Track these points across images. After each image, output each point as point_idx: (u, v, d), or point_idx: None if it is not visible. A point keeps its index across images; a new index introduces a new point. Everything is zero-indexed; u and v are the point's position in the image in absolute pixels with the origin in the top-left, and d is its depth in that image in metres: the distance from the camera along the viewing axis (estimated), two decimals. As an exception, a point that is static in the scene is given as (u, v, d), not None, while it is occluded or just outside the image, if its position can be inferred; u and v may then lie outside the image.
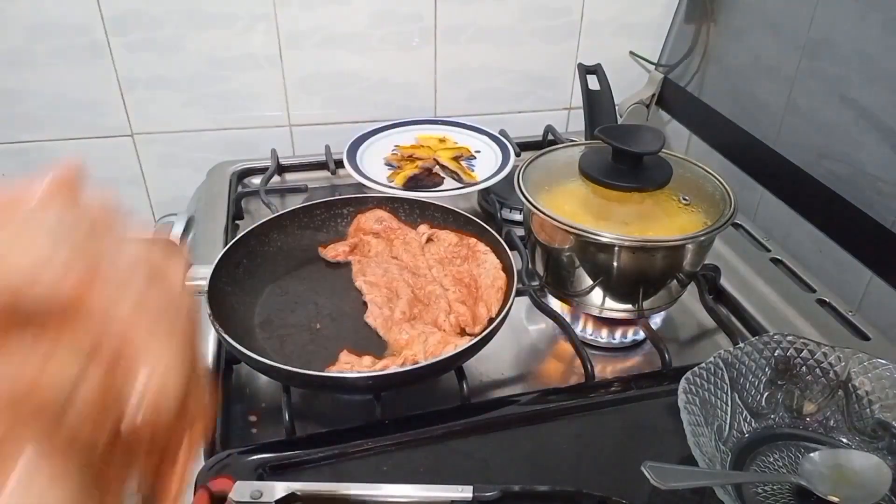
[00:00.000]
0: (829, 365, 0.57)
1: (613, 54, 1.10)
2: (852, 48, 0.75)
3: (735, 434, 0.56)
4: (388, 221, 0.73)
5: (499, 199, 0.88)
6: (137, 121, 1.01)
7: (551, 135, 1.07)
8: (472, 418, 0.58)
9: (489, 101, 1.12)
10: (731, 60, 0.97)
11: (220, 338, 0.58)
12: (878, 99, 0.73)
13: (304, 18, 0.99)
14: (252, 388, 0.64)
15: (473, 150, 0.96)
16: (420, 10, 1.02)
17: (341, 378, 0.54)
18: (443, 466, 0.53)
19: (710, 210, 0.65)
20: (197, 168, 1.02)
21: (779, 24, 0.87)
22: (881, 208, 0.72)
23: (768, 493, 0.52)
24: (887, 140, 0.72)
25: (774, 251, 0.85)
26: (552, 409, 0.60)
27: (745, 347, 0.58)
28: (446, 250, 0.69)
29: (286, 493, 0.48)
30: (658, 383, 0.62)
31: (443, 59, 1.06)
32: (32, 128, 1.00)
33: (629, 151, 0.65)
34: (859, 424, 0.56)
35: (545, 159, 0.72)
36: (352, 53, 1.03)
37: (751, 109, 0.93)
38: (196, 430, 0.26)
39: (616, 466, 0.55)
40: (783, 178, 0.87)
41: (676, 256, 0.64)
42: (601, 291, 0.66)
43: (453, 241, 0.70)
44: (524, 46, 1.08)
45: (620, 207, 0.66)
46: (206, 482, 0.48)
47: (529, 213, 0.66)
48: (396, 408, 0.58)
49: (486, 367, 0.66)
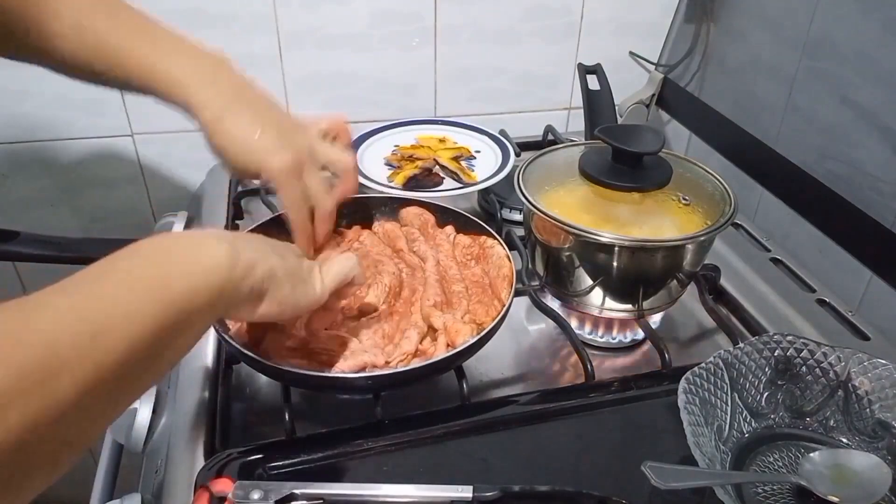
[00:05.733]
0: (829, 365, 0.57)
1: (613, 54, 1.10)
2: (852, 48, 0.75)
3: (735, 434, 0.56)
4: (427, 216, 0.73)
5: (499, 199, 0.88)
6: (137, 121, 1.01)
7: (551, 135, 1.07)
8: (472, 418, 0.58)
9: (489, 101, 1.12)
10: (731, 60, 0.97)
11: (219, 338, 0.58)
12: (878, 99, 0.73)
13: (304, 18, 0.99)
14: (252, 388, 0.64)
15: (473, 151, 0.96)
16: (420, 10, 1.02)
17: (341, 378, 0.54)
18: (443, 466, 0.53)
19: (710, 210, 0.65)
20: (197, 168, 1.02)
21: (779, 24, 0.87)
22: (881, 208, 0.72)
23: (768, 493, 0.52)
24: (887, 140, 0.72)
25: (774, 251, 0.85)
26: (552, 409, 0.60)
27: (745, 347, 0.58)
28: (461, 253, 0.69)
29: (286, 493, 0.48)
30: (658, 383, 0.62)
31: (443, 59, 1.07)
32: (32, 128, 1.00)
33: (629, 151, 0.65)
34: (859, 424, 0.56)
35: (545, 159, 0.72)
36: (352, 53, 1.03)
37: (751, 109, 0.93)
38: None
39: (616, 466, 0.55)
40: (783, 178, 0.87)
41: (676, 256, 0.64)
42: (601, 291, 0.66)
43: (466, 244, 0.69)
44: (524, 46, 1.08)
45: (620, 207, 0.66)
46: (206, 482, 0.48)
47: (529, 213, 0.66)
48: (396, 408, 0.58)
49: (486, 367, 0.66)
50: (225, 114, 0.56)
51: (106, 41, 0.55)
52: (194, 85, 0.55)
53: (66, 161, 1.03)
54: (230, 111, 0.56)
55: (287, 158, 0.56)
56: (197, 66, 0.56)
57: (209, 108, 0.55)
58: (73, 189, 1.06)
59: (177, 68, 0.55)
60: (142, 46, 0.56)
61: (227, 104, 0.56)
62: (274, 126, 0.57)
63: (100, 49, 0.55)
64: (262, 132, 0.56)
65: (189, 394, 0.61)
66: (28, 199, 1.05)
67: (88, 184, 1.06)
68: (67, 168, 1.04)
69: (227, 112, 0.56)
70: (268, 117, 0.58)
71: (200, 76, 0.56)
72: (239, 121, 0.56)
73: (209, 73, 0.56)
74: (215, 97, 0.56)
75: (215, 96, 0.56)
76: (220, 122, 0.55)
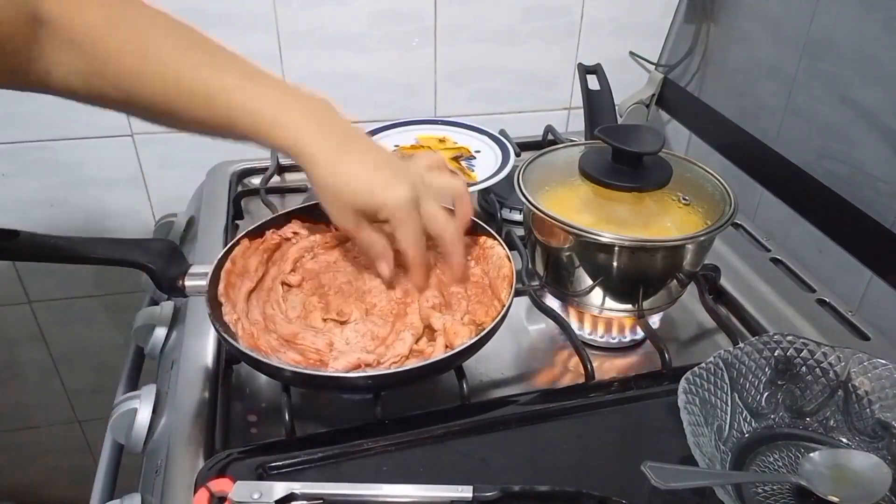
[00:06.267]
0: (828, 365, 0.57)
1: (613, 54, 1.10)
2: (852, 48, 0.75)
3: (735, 434, 0.56)
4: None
5: (499, 199, 0.88)
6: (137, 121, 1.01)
7: (551, 135, 1.07)
8: (472, 418, 0.58)
9: (489, 101, 1.12)
10: (731, 60, 0.97)
11: (220, 338, 0.58)
12: (878, 99, 0.73)
13: (304, 18, 0.99)
14: (252, 388, 0.64)
15: (473, 150, 0.96)
16: (420, 10, 1.02)
17: (341, 378, 0.54)
18: (443, 466, 0.53)
19: (710, 210, 0.65)
20: (197, 168, 1.02)
21: (779, 24, 0.87)
22: (881, 208, 0.72)
23: (768, 493, 0.52)
24: (887, 140, 0.72)
25: (774, 251, 0.85)
26: (552, 409, 0.60)
27: (745, 347, 0.58)
28: None
29: (286, 493, 0.48)
30: (658, 383, 0.62)
31: (443, 59, 1.07)
32: (32, 128, 1.00)
33: (629, 151, 0.65)
34: (859, 424, 0.56)
35: (545, 159, 0.72)
36: (352, 53, 1.03)
37: (751, 109, 0.93)
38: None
39: (616, 466, 0.55)
40: (783, 178, 0.87)
41: (676, 256, 0.64)
42: (601, 291, 0.66)
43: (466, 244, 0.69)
44: (524, 46, 1.08)
45: (620, 207, 0.66)
46: (206, 482, 0.48)
47: (529, 213, 0.66)
48: (396, 408, 0.58)
49: (486, 367, 0.66)
50: (340, 156, 0.55)
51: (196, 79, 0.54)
52: (305, 129, 0.55)
53: (66, 161, 1.03)
54: (344, 154, 0.56)
55: (406, 191, 0.56)
56: (306, 111, 0.56)
57: (324, 151, 0.55)
58: (73, 189, 1.06)
59: (286, 114, 0.55)
60: (244, 91, 0.55)
61: (339, 146, 0.56)
62: (386, 164, 0.57)
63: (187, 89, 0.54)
64: (377, 169, 0.56)
65: (189, 394, 0.61)
66: (28, 199, 1.05)
67: (88, 184, 1.06)
68: (67, 168, 1.04)
69: (341, 154, 0.56)
70: (379, 156, 0.58)
71: (309, 121, 0.55)
72: (354, 160, 0.56)
73: (317, 118, 0.56)
74: (327, 141, 0.55)
75: (327, 140, 0.55)
76: (336, 164, 0.55)
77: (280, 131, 0.55)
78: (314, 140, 0.55)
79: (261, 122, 0.55)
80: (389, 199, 0.55)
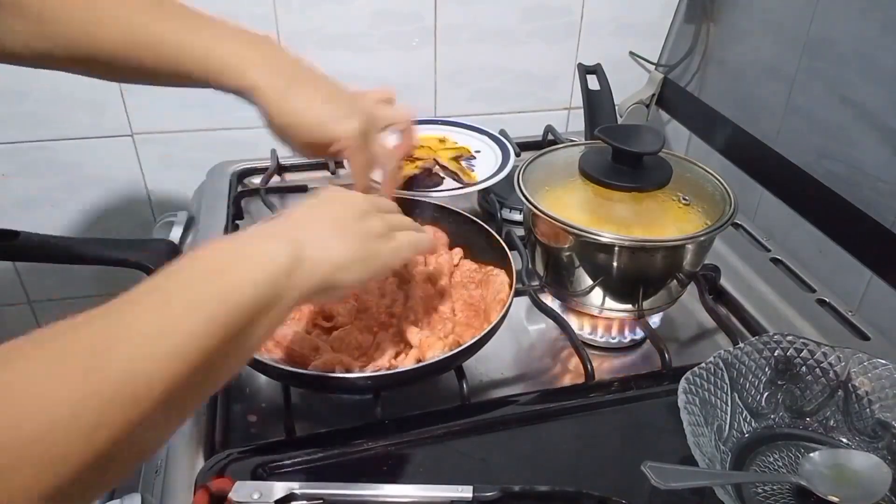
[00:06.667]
0: (828, 365, 0.57)
1: (613, 54, 1.10)
2: (852, 48, 0.75)
3: (735, 434, 0.56)
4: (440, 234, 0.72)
5: (499, 199, 0.88)
6: (137, 121, 1.01)
7: (551, 135, 1.07)
8: (472, 418, 0.58)
9: (489, 101, 1.12)
10: (731, 60, 0.97)
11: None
12: (878, 99, 0.73)
13: (303, 18, 0.99)
14: (252, 388, 0.64)
15: (473, 150, 0.96)
16: (420, 10, 1.02)
17: (341, 378, 0.54)
18: (443, 466, 0.53)
19: (710, 210, 0.65)
20: (197, 168, 1.02)
21: (779, 24, 0.87)
22: (881, 208, 0.72)
23: (768, 493, 0.52)
24: (887, 140, 0.72)
25: (774, 251, 0.85)
26: (552, 409, 0.60)
27: (745, 347, 0.58)
28: (463, 275, 0.69)
29: (286, 493, 0.48)
30: (658, 383, 0.62)
31: (443, 59, 1.07)
32: (32, 128, 1.00)
33: (629, 151, 0.65)
34: (859, 424, 0.56)
35: (545, 159, 0.72)
36: (352, 53, 1.03)
37: (751, 109, 0.93)
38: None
39: (616, 466, 0.55)
40: (783, 178, 0.87)
41: (676, 256, 0.64)
42: (601, 291, 0.66)
43: (472, 267, 0.70)
44: (524, 46, 1.08)
45: (620, 207, 0.66)
46: (206, 482, 0.48)
47: (529, 213, 0.66)
48: (396, 408, 0.58)
49: (486, 367, 0.66)
50: (288, 91, 0.56)
51: (152, 33, 0.55)
52: (252, 68, 0.56)
53: (66, 161, 1.03)
54: (292, 88, 0.56)
55: (355, 125, 0.57)
56: (250, 50, 0.56)
57: (272, 88, 0.56)
58: (73, 189, 1.06)
59: (231, 55, 0.56)
60: (191, 36, 0.55)
61: (288, 82, 0.56)
62: (336, 96, 0.58)
63: (143, 41, 0.55)
64: (326, 103, 0.57)
65: (189, 394, 0.61)
66: (28, 199, 1.05)
67: (88, 184, 1.06)
68: (67, 168, 1.04)
69: (289, 89, 0.56)
70: (328, 89, 0.59)
71: (256, 59, 0.56)
72: (303, 95, 0.57)
73: (263, 55, 0.57)
74: (275, 77, 0.56)
75: (275, 76, 0.56)
76: (285, 100, 0.56)
77: (229, 70, 0.55)
78: (263, 76, 0.56)
79: (210, 63, 0.55)
80: (339, 131, 0.56)
